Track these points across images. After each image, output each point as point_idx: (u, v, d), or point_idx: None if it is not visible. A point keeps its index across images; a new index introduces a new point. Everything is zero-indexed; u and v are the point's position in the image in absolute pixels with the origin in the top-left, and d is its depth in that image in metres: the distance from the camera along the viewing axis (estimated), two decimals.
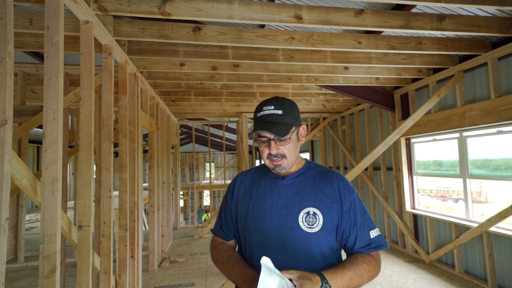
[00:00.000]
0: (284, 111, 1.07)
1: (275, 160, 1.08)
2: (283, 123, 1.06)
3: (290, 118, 1.07)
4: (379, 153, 3.96)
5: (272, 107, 1.07)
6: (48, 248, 1.66)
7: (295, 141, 1.10)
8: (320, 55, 3.69)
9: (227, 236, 1.22)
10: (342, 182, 1.12)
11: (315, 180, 1.13)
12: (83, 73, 2.16)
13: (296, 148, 1.11)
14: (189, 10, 2.45)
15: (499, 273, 3.61)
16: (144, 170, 15.77)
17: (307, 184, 1.11)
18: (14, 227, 5.37)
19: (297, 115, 1.11)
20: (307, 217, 1.05)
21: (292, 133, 1.07)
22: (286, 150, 1.08)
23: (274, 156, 1.07)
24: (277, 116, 1.06)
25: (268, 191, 1.13)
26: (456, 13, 3.03)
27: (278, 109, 1.07)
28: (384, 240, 1.11)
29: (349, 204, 1.09)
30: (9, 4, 1.45)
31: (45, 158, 1.70)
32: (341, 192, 1.10)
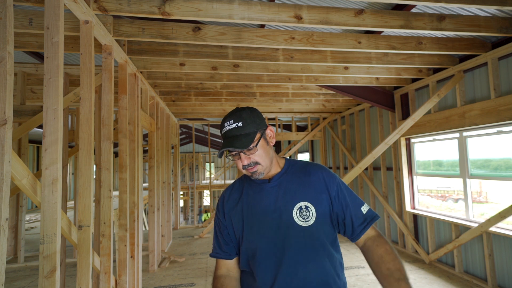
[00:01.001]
0: (243, 122, 1.10)
1: (250, 168, 1.11)
2: (246, 134, 1.09)
3: (252, 127, 1.10)
4: (379, 153, 3.96)
5: (232, 121, 1.10)
6: (48, 248, 1.66)
7: (264, 146, 1.12)
8: (320, 55, 3.69)
9: (229, 254, 1.20)
10: (324, 172, 1.18)
11: (299, 176, 1.17)
12: (83, 73, 2.16)
13: (267, 151, 1.13)
14: (189, 10, 2.45)
15: (499, 273, 3.61)
16: (144, 170, 15.77)
17: (293, 181, 1.15)
18: (14, 227, 5.37)
19: (258, 121, 1.13)
20: (300, 212, 1.09)
21: (257, 141, 1.10)
22: (257, 157, 1.11)
23: (248, 165, 1.10)
24: (238, 128, 1.09)
25: (258, 197, 1.16)
26: (456, 13, 3.03)
27: (237, 121, 1.10)
28: (374, 212, 1.16)
29: (336, 189, 1.14)
30: (9, 4, 1.45)
31: (45, 158, 1.69)
32: (326, 181, 1.15)
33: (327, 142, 8.45)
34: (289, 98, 5.91)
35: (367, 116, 6.29)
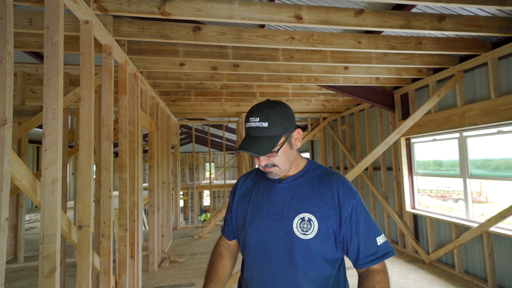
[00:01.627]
0: (270, 123, 1.00)
1: (267, 169, 1.07)
2: (269, 136, 1.01)
3: (278, 129, 1.01)
4: (379, 153, 3.96)
5: (258, 119, 1.01)
6: (48, 248, 1.66)
7: (286, 150, 1.05)
8: (320, 55, 3.69)
9: (229, 236, 1.26)
10: (342, 187, 1.06)
11: (314, 184, 1.08)
12: (83, 73, 2.16)
13: (288, 156, 1.06)
14: (189, 10, 2.45)
15: (499, 273, 3.61)
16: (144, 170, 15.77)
17: (304, 188, 1.08)
18: (14, 227, 5.37)
19: (287, 124, 1.04)
20: (301, 223, 1.02)
21: (279, 146, 1.02)
22: (276, 161, 1.05)
23: (265, 166, 1.06)
24: (262, 129, 1.00)
25: (266, 194, 1.13)
26: (456, 13, 3.03)
27: (264, 121, 1.00)
28: (391, 247, 1.05)
29: (350, 210, 1.03)
30: (9, 4, 1.45)
31: (45, 158, 1.69)
32: (340, 198, 1.04)
33: (327, 142, 8.46)
34: (289, 98, 5.91)
35: (367, 116, 6.29)
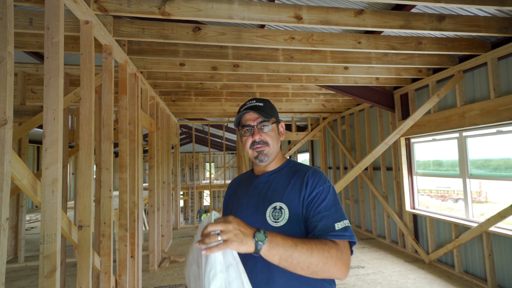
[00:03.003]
0: (265, 104, 1.18)
1: (259, 147, 1.14)
2: (265, 112, 1.15)
3: (271, 111, 1.18)
4: (379, 153, 3.97)
5: (254, 101, 1.18)
6: (48, 248, 1.66)
7: (275, 133, 1.18)
8: (320, 55, 3.69)
9: None
10: (312, 175, 1.10)
11: (288, 176, 1.15)
12: (83, 73, 2.16)
13: (276, 141, 1.17)
14: (189, 10, 2.45)
15: (499, 273, 3.61)
16: (144, 170, 15.77)
17: (279, 181, 1.14)
18: (14, 227, 5.38)
19: (275, 112, 1.21)
20: (273, 212, 1.06)
21: (273, 122, 1.16)
22: (268, 138, 1.15)
23: (258, 143, 1.14)
24: (258, 106, 1.16)
25: (245, 190, 1.20)
26: (455, 13, 3.03)
27: (259, 102, 1.18)
28: (351, 233, 0.97)
29: (314, 194, 1.05)
30: (9, 4, 1.45)
31: (45, 158, 1.70)
32: (308, 184, 1.08)
33: (327, 142, 8.46)
34: (289, 98, 5.91)
35: (367, 116, 6.29)
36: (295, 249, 0.85)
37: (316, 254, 0.87)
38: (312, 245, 0.89)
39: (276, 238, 0.85)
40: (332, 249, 0.90)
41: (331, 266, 0.88)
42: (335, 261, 0.89)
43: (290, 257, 0.85)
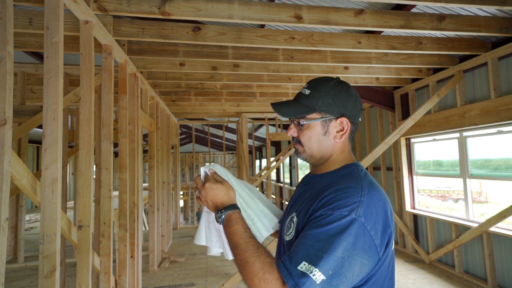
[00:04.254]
0: (313, 92, 0.90)
1: (293, 143, 0.97)
2: (303, 105, 0.91)
3: (316, 103, 0.89)
4: (379, 153, 3.96)
5: (307, 85, 0.94)
6: (48, 248, 1.66)
7: (317, 133, 0.91)
8: (320, 55, 3.69)
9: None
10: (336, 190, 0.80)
11: (322, 185, 0.88)
12: (83, 73, 2.16)
13: (318, 140, 0.91)
14: (189, 10, 2.45)
15: (499, 273, 3.61)
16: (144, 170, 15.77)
17: (313, 188, 0.91)
18: (14, 227, 5.37)
19: (330, 102, 0.88)
20: (289, 222, 0.90)
21: (307, 119, 0.90)
22: (302, 137, 0.92)
23: (292, 138, 0.97)
24: (302, 96, 0.93)
25: (297, 190, 1.04)
26: (456, 13, 3.03)
27: (310, 89, 0.92)
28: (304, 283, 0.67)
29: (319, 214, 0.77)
30: (9, 4, 1.45)
31: (45, 158, 1.69)
32: (324, 198, 0.79)
33: None
34: (289, 98, 5.91)
35: (367, 116, 6.29)
36: (234, 250, 0.81)
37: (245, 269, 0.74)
38: (249, 261, 0.74)
39: (229, 228, 0.85)
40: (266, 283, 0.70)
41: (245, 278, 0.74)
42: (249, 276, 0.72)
43: (231, 251, 0.83)
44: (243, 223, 0.86)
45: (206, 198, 0.91)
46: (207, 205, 0.92)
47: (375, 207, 0.77)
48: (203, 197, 0.92)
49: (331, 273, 0.68)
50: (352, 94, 0.91)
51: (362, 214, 0.74)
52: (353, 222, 0.72)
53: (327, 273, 0.67)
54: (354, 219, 0.73)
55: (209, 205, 0.91)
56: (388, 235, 0.78)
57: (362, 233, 0.72)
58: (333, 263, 0.68)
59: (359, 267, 0.72)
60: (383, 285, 0.81)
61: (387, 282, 0.83)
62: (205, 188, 0.91)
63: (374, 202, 0.77)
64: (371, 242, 0.74)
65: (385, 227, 0.77)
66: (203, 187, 0.92)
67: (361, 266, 0.72)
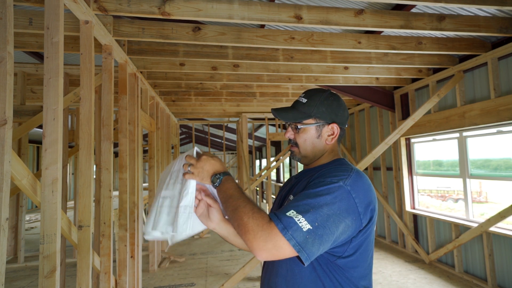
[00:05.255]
0: (309, 101, 1.04)
1: (290, 146, 1.09)
2: (301, 111, 1.04)
3: (312, 110, 1.02)
4: (379, 153, 3.96)
5: (303, 95, 1.07)
6: (48, 248, 1.66)
7: (311, 136, 1.04)
8: (320, 55, 3.69)
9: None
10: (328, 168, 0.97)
11: (318, 171, 0.99)
12: (83, 73, 2.16)
13: (312, 143, 1.04)
14: (189, 10, 2.45)
15: (499, 273, 3.61)
16: (144, 170, 15.76)
17: (309, 175, 1.01)
18: (14, 227, 5.37)
19: (323, 110, 1.02)
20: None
21: (304, 124, 1.03)
22: (299, 139, 1.05)
23: (289, 140, 1.09)
24: (299, 103, 1.06)
25: (288, 184, 1.15)
26: (456, 13, 3.03)
27: (306, 98, 1.05)
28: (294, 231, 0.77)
29: (312, 181, 0.92)
30: (9, 4, 1.45)
31: (45, 158, 1.69)
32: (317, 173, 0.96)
33: None
34: (289, 98, 5.91)
35: (367, 116, 6.29)
36: (228, 200, 0.91)
37: (237, 213, 0.85)
38: (241, 205, 0.86)
39: (224, 185, 0.95)
40: (255, 220, 0.80)
41: (242, 232, 0.81)
42: (246, 229, 0.80)
43: (224, 205, 0.92)
44: (237, 184, 0.98)
45: (203, 168, 1.00)
46: (201, 175, 1.00)
47: (362, 183, 0.91)
48: (199, 167, 1.00)
49: (317, 225, 0.79)
50: (341, 104, 1.07)
51: (349, 184, 0.88)
52: (340, 188, 0.86)
53: (313, 224, 0.79)
54: (341, 185, 0.86)
55: (204, 174, 1.00)
56: (371, 210, 0.90)
57: (346, 197, 0.85)
58: (320, 217, 0.80)
59: (343, 226, 0.83)
60: (367, 259, 0.94)
61: (369, 260, 0.96)
62: (203, 160, 1.01)
63: (362, 180, 0.92)
64: (355, 208, 0.86)
65: (369, 201, 0.90)
66: (200, 160, 1.02)
67: (345, 226, 0.83)
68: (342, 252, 0.90)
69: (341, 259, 0.90)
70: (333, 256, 0.90)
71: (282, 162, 8.47)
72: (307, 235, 0.77)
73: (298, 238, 0.77)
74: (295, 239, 0.76)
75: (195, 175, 1.00)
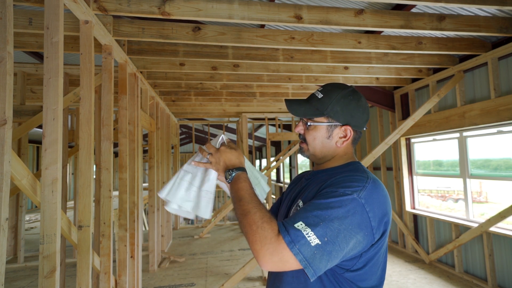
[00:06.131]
0: (326, 98, 0.95)
1: (300, 141, 1.04)
2: (313, 107, 0.97)
3: (325, 108, 0.95)
4: (379, 153, 3.96)
5: (321, 89, 0.99)
6: (48, 248, 1.66)
7: (321, 135, 0.97)
8: (320, 55, 3.69)
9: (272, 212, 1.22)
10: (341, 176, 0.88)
11: (327, 177, 0.94)
12: (83, 73, 2.16)
13: (322, 143, 0.98)
14: (189, 10, 2.45)
15: (499, 273, 3.61)
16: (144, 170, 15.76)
17: (320, 179, 0.96)
18: (14, 227, 5.37)
19: (338, 110, 0.94)
20: (295, 209, 0.96)
21: (315, 122, 0.97)
22: (308, 136, 0.99)
23: (299, 135, 1.04)
24: (314, 98, 0.99)
25: (298, 186, 1.09)
26: (456, 13, 3.03)
27: (322, 93, 0.97)
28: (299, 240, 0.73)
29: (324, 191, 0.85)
30: (9, 4, 1.45)
31: (45, 158, 1.69)
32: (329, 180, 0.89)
33: None
34: (289, 98, 5.90)
35: None
36: (238, 203, 0.88)
37: (246, 220, 0.81)
38: (251, 211, 0.82)
39: (237, 185, 0.93)
40: (263, 231, 0.76)
41: (249, 241, 0.78)
42: (253, 238, 0.77)
43: (234, 205, 0.90)
44: (249, 183, 0.95)
45: (220, 159, 1.00)
46: (217, 167, 1.01)
47: (377, 195, 0.84)
48: (217, 158, 1.01)
49: (326, 240, 0.74)
50: (361, 106, 0.97)
51: (363, 197, 0.81)
52: (353, 200, 0.79)
53: (323, 239, 0.74)
54: (354, 198, 0.80)
55: (221, 165, 1.00)
56: (385, 223, 0.84)
57: (360, 211, 0.79)
58: (330, 231, 0.75)
59: (353, 242, 0.77)
60: (377, 271, 0.88)
61: (380, 271, 0.90)
62: (221, 151, 1.01)
63: (377, 191, 0.84)
64: (368, 222, 0.79)
65: (383, 214, 0.83)
66: (218, 150, 1.02)
67: (356, 242, 0.78)
68: (351, 266, 0.84)
69: (349, 272, 0.85)
70: (341, 269, 0.85)
71: (282, 162, 8.46)
72: (315, 250, 0.73)
73: (305, 253, 0.73)
74: (302, 254, 0.73)
75: (212, 165, 1.01)
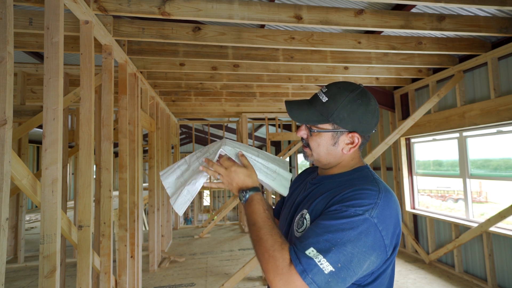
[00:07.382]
0: (331, 102, 0.87)
1: (303, 145, 0.98)
2: (317, 112, 0.89)
3: (332, 114, 0.87)
4: (379, 153, 3.96)
5: (326, 90, 0.90)
6: (48, 248, 1.66)
7: (326, 142, 0.91)
8: (320, 55, 3.69)
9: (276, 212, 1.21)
10: (352, 191, 0.82)
11: (334, 185, 0.91)
12: (83, 73, 2.16)
13: (327, 149, 0.92)
14: (189, 10, 2.45)
15: (499, 273, 3.61)
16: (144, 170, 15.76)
17: (323, 188, 0.93)
18: (14, 227, 5.37)
19: (345, 115, 0.86)
20: (299, 219, 0.91)
21: (318, 129, 0.90)
22: (311, 142, 0.93)
23: (301, 139, 0.97)
24: (318, 100, 0.90)
25: (301, 187, 1.06)
26: (456, 13, 3.03)
27: (328, 96, 0.88)
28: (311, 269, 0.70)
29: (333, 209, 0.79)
30: (9, 4, 1.45)
31: (45, 158, 1.69)
32: (339, 195, 0.83)
33: None
34: (289, 98, 5.90)
35: None
36: (252, 227, 0.86)
37: (259, 246, 0.80)
38: (263, 238, 0.80)
39: (250, 207, 0.89)
40: (275, 261, 0.74)
41: (263, 269, 0.78)
42: (266, 267, 0.76)
43: (248, 227, 0.88)
44: (264, 204, 0.90)
45: (232, 180, 0.95)
46: (231, 187, 0.95)
47: (389, 210, 0.79)
48: (229, 179, 0.95)
49: (339, 266, 0.71)
50: (370, 110, 0.88)
51: (375, 216, 0.76)
52: (365, 221, 0.75)
53: (336, 265, 0.71)
54: (366, 218, 0.75)
55: (234, 186, 0.95)
56: (397, 235, 0.82)
57: (373, 232, 0.75)
58: (343, 257, 0.72)
59: (367, 264, 0.75)
60: (386, 281, 0.87)
61: (388, 280, 0.88)
62: (232, 172, 0.95)
63: (390, 206, 0.80)
64: (381, 242, 0.76)
65: (396, 226, 0.81)
66: (229, 170, 0.95)
67: (369, 263, 0.75)
68: (362, 281, 0.82)
69: (360, 287, 0.82)
70: (353, 284, 0.82)
71: None
72: (329, 278, 0.70)
73: (318, 282, 0.70)
74: (316, 283, 0.70)
75: (224, 185, 0.97)
